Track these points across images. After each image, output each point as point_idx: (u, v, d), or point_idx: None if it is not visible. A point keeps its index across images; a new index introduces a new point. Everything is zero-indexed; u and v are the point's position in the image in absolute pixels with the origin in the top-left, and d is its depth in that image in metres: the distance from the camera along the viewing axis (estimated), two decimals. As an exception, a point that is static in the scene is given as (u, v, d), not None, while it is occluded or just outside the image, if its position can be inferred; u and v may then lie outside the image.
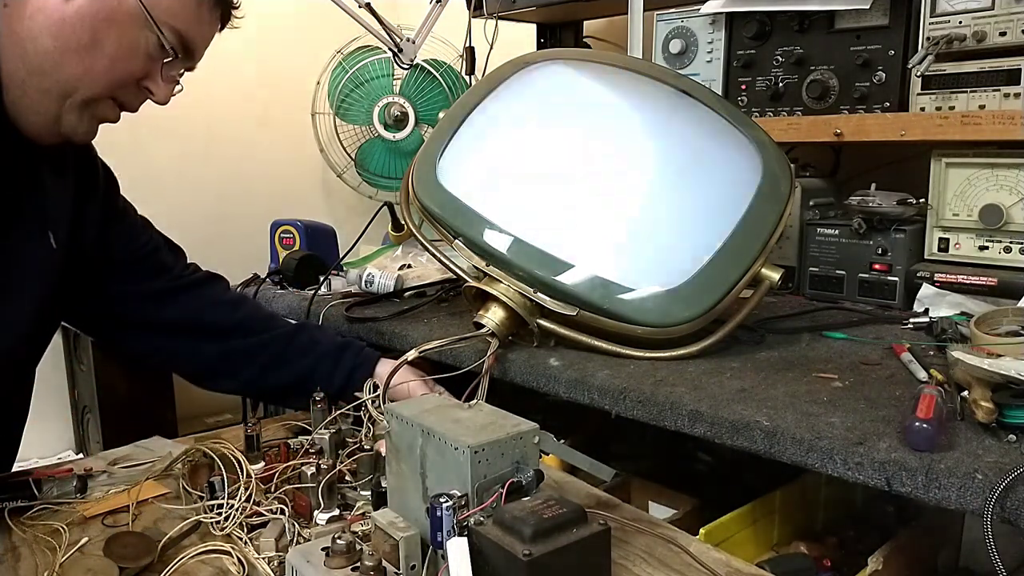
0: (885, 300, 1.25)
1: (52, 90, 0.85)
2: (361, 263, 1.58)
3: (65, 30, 0.83)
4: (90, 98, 0.87)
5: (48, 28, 0.82)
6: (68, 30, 0.83)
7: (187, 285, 1.12)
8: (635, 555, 0.76)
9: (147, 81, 0.90)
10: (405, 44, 1.87)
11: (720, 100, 1.20)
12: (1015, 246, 1.16)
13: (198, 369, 1.15)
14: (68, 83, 0.85)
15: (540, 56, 1.27)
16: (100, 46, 0.84)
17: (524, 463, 0.68)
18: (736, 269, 1.00)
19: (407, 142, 2.09)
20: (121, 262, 1.06)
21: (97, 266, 1.03)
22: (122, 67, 0.87)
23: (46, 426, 2.06)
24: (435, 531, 0.63)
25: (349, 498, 0.88)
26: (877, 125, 1.24)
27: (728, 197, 1.05)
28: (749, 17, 1.41)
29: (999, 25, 1.13)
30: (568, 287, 0.99)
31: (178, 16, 0.88)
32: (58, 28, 0.82)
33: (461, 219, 1.05)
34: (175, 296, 1.10)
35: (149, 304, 1.08)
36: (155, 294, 1.09)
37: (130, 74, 0.88)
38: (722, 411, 0.82)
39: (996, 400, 0.74)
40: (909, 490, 0.68)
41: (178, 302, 1.10)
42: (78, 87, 0.86)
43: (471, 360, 1.02)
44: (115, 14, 0.84)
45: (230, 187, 2.27)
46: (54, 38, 0.83)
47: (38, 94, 0.85)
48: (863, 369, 0.94)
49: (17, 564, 0.81)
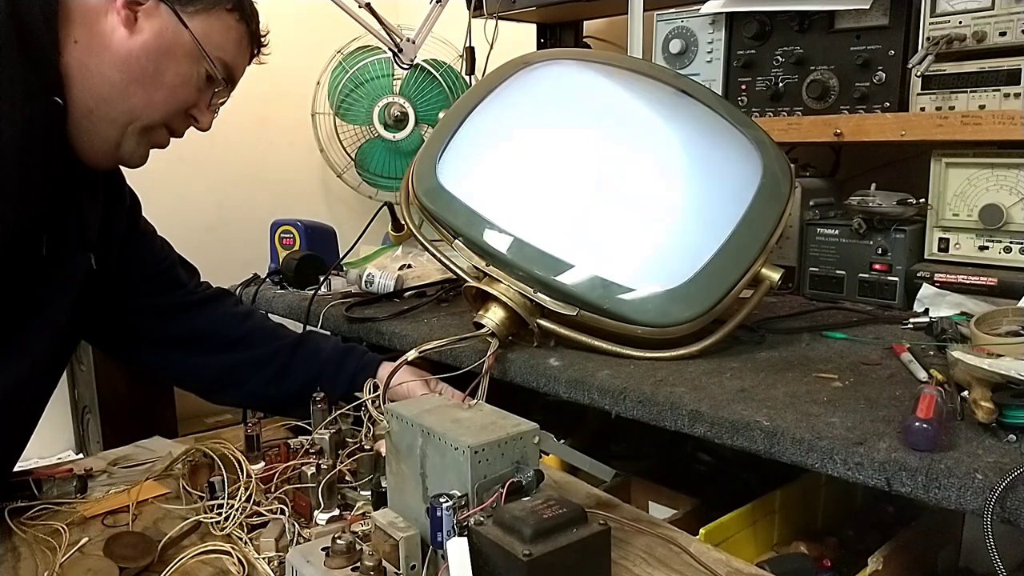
0: (885, 300, 1.25)
1: (118, 118, 0.92)
2: (361, 263, 1.58)
3: (131, 63, 0.90)
4: (149, 125, 0.95)
5: (115, 62, 0.90)
6: (133, 63, 0.91)
7: (197, 301, 1.15)
8: (635, 555, 0.77)
9: (194, 110, 0.98)
10: (405, 44, 1.87)
11: (720, 100, 1.20)
12: (1015, 246, 1.16)
13: (205, 382, 1.17)
14: (132, 112, 0.93)
15: (540, 56, 1.27)
16: (161, 78, 0.93)
17: (524, 463, 0.68)
18: (736, 269, 1.00)
19: (407, 142, 2.09)
20: (138, 278, 1.10)
21: (116, 282, 1.06)
22: (178, 96, 0.95)
23: (46, 426, 2.05)
24: (435, 531, 0.63)
25: (349, 498, 0.88)
26: (877, 125, 1.24)
27: (728, 197, 1.05)
28: (749, 17, 1.41)
29: (999, 25, 1.13)
30: (568, 287, 0.99)
31: (225, 49, 0.97)
32: (124, 61, 0.90)
33: (461, 219, 1.05)
34: (185, 312, 1.13)
35: (160, 319, 1.11)
36: (167, 310, 1.12)
37: (184, 103, 0.96)
38: (722, 411, 0.82)
39: (996, 400, 0.74)
40: (909, 490, 0.68)
41: (188, 317, 1.13)
42: (140, 115, 0.93)
43: (471, 360, 1.02)
44: (174, 48, 0.93)
45: (230, 187, 2.27)
46: (121, 71, 0.90)
47: (103, 122, 0.92)
48: (863, 369, 0.94)
49: (17, 564, 0.81)
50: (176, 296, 1.13)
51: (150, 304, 1.11)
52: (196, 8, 0.94)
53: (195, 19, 0.94)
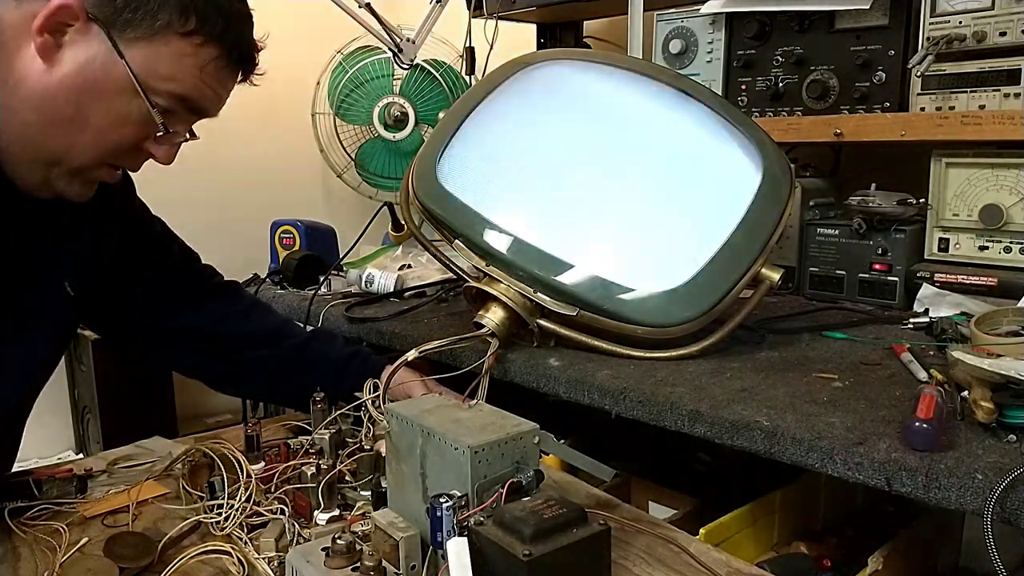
0: (885, 300, 1.25)
1: (36, 160, 0.81)
2: (361, 263, 1.58)
3: (47, 103, 0.78)
4: (78, 168, 0.83)
5: (30, 100, 0.78)
6: (50, 103, 0.78)
7: (202, 294, 1.12)
8: (635, 555, 0.76)
9: (147, 144, 0.85)
10: (405, 44, 1.87)
11: (720, 100, 1.20)
12: (1015, 246, 1.16)
13: (208, 377, 1.16)
14: (53, 155, 0.81)
15: (540, 56, 1.27)
16: (85, 119, 0.79)
17: (524, 463, 0.68)
18: (736, 269, 1.00)
19: (407, 142, 2.09)
20: (139, 270, 1.06)
21: (118, 276, 1.03)
22: (110, 139, 0.82)
23: (46, 426, 2.06)
24: (435, 531, 0.63)
25: (349, 498, 0.88)
26: (877, 125, 1.24)
27: (728, 197, 1.05)
28: (749, 17, 1.41)
29: (999, 25, 1.13)
30: (568, 287, 0.99)
31: (176, 80, 0.81)
32: (40, 100, 0.78)
33: (461, 219, 1.05)
34: (190, 305, 1.09)
35: (164, 309, 1.08)
36: (171, 301, 1.08)
37: (119, 144, 0.83)
38: (722, 411, 0.82)
39: (996, 400, 0.74)
40: (909, 490, 0.68)
41: (193, 311, 1.10)
42: (63, 159, 0.82)
43: (471, 360, 1.02)
44: (102, 85, 0.78)
45: (230, 187, 2.27)
46: (36, 111, 0.78)
47: (23, 164, 0.81)
48: (863, 369, 0.94)
49: (17, 564, 0.81)
50: (180, 287, 1.09)
51: (154, 295, 1.07)
52: (137, 34, 0.78)
53: (135, 47, 0.78)
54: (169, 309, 1.08)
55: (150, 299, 1.07)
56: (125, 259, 1.04)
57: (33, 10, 0.76)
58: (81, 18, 0.77)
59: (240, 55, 0.87)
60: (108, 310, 1.06)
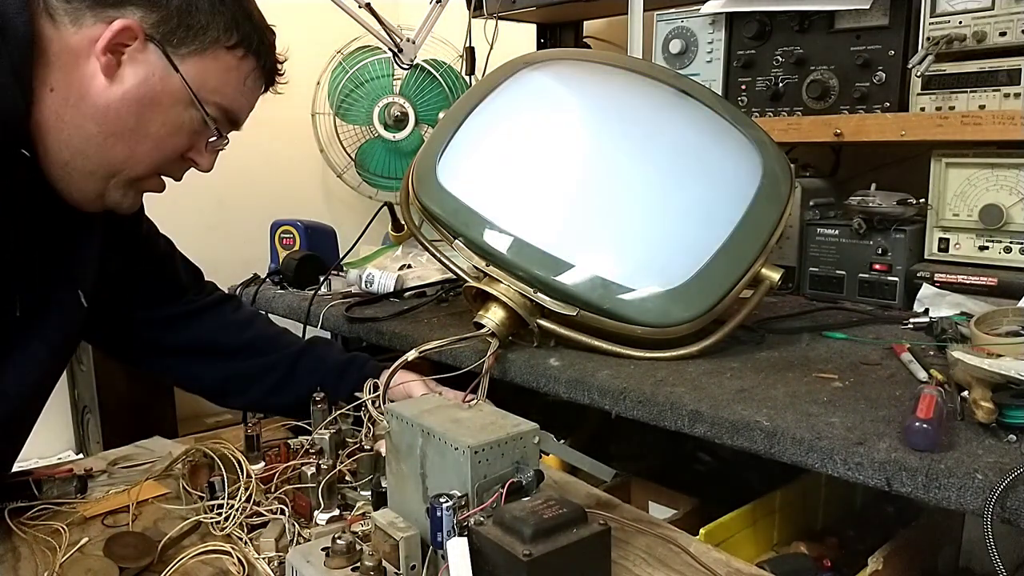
0: (885, 300, 1.25)
1: (96, 172, 0.85)
2: (361, 263, 1.58)
3: (110, 116, 0.82)
4: (135, 177, 0.88)
5: (93, 115, 0.82)
6: (113, 116, 0.83)
7: (199, 309, 1.13)
8: (635, 555, 0.76)
9: (191, 153, 0.91)
10: (405, 44, 1.87)
11: (720, 100, 1.20)
12: (1015, 246, 1.16)
13: (207, 389, 1.16)
14: (113, 166, 0.86)
15: (540, 56, 1.27)
16: (145, 129, 0.85)
17: (524, 463, 0.68)
18: (736, 269, 1.00)
19: (407, 142, 2.09)
20: (142, 288, 1.08)
21: (120, 290, 1.05)
22: (166, 147, 0.88)
23: (46, 426, 2.05)
24: (435, 531, 0.63)
25: (349, 498, 0.88)
26: (877, 125, 1.24)
27: (728, 197, 1.05)
28: (749, 17, 1.41)
29: (999, 25, 1.13)
30: (568, 287, 0.99)
31: (222, 92, 0.88)
32: (103, 114, 0.82)
33: (461, 219, 1.05)
34: (188, 319, 1.11)
35: (163, 329, 1.10)
36: (169, 319, 1.10)
37: (174, 151, 0.89)
38: (722, 411, 0.82)
39: (996, 400, 0.74)
40: (909, 490, 0.68)
41: (191, 326, 1.11)
42: (123, 169, 0.86)
43: (471, 360, 1.02)
44: (160, 96, 0.84)
45: (230, 187, 2.27)
46: (99, 124, 0.83)
47: (81, 175, 0.85)
48: (863, 369, 0.94)
49: (17, 564, 0.81)
50: (177, 307, 1.11)
51: (153, 315, 1.09)
52: (190, 49, 0.84)
53: (188, 61, 0.84)
54: (169, 325, 1.10)
55: (150, 314, 1.09)
56: (129, 274, 1.05)
57: (92, 34, 0.80)
58: (140, 37, 0.82)
59: (270, 67, 0.94)
60: (111, 323, 1.07)
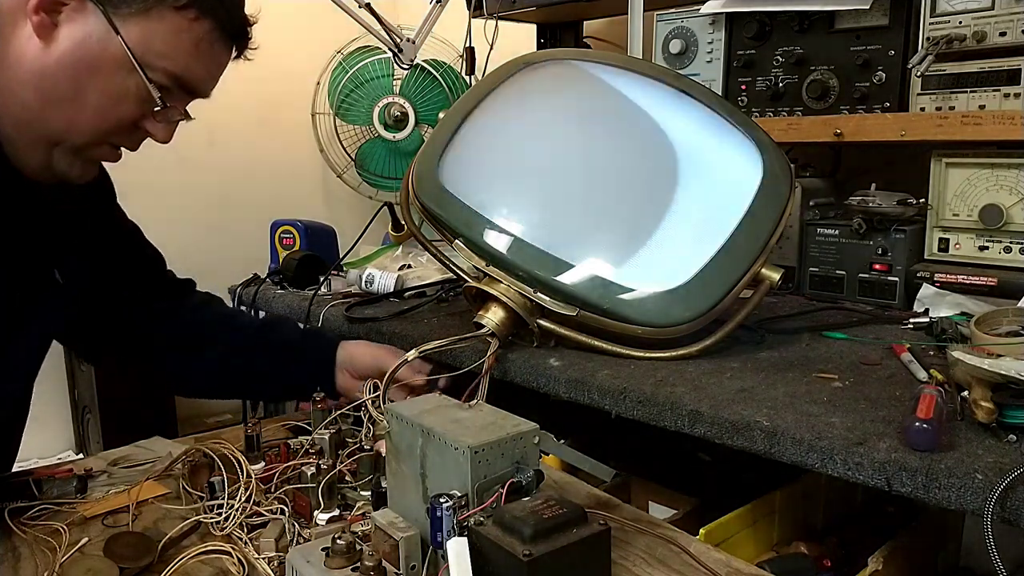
0: (885, 300, 1.25)
1: (38, 141, 0.82)
2: (361, 263, 1.58)
3: (45, 82, 0.78)
4: (79, 146, 0.84)
5: (28, 80, 0.78)
6: (49, 82, 0.78)
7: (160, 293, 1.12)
8: (635, 555, 0.76)
9: (144, 122, 0.85)
10: (405, 44, 1.87)
11: (720, 100, 1.20)
12: (1015, 246, 1.16)
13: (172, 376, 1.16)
14: (53, 134, 0.82)
15: (540, 56, 1.27)
16: (83, 97, 0.80)
17: (524, 463, 0.68)
18: (736, 269, 1.00)
19: (407, 142, 2.09)
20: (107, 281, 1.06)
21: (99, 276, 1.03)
22: (110, 116, 0.82)
23: (46, 426, 2.06)
24: (435, 531, 0.63)
25: (349, 498, 0.88)
26: (877, 125, 1.24)
27: (728, 197, 1.05)
28: (749, 17, 1.41)
29: (999, 25, 1.13)
30: (568, 287, 0.99)
31: (171, 57, 0.81)
32: (38, 79, 0.78)
33: (461, 219, 1.05)
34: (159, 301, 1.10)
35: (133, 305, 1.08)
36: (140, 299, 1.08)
37: (119, 121, 0.83)
38: (722, 411, 0.82)
39: (996, 400, 0.74)
40: (909, 490, 0.68)
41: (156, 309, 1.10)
42: (64, 138, 0.82)
43: (471, 360, 1.02)
44: (99, 62, 0.79)
45: (230, 187, 2.27)
46: (35, 90, 0.78)
47: (26, 145, 0.82)
48: (863, 369, 0.94)
49: (17, 564, 0.81)
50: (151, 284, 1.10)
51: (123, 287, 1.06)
52: (132, 9, 0.78)
53: (130, 22, 0.78)
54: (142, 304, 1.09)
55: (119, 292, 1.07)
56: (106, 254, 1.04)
57: None
58: None
59: (233, 29, 0.87)
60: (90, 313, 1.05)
